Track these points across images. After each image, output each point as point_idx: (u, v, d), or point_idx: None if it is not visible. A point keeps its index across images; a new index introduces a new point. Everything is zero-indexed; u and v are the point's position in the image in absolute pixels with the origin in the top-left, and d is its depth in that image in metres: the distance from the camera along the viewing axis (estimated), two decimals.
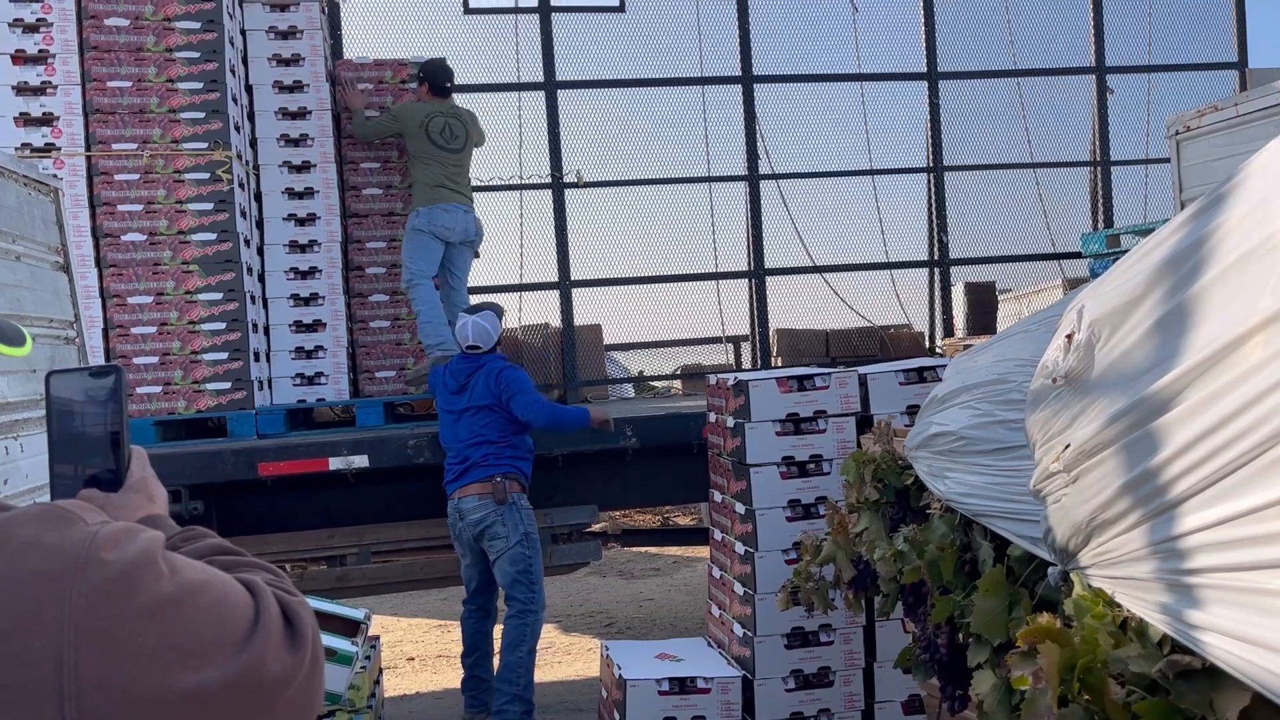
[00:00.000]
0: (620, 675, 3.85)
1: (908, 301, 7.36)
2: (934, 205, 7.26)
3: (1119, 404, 1.39)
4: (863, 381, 3.92)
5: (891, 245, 7.31)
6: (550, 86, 6.62)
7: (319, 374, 5.70)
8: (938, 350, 7.15)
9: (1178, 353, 1.26)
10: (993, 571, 2.07)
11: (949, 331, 7.29)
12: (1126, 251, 7.08)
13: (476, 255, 6.04)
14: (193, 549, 1.05)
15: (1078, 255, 7.30)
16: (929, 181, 7.30)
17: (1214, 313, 1.20)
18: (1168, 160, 7.71)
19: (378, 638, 4.12)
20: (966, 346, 6.17)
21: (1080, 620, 1.49)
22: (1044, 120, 7.50)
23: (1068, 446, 1.51)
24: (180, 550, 1.03)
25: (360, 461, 4.84)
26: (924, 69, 7.20)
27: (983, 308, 7.32)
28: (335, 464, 4.84)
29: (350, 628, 3.04)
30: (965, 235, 7.41)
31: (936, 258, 7.26)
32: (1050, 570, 1.95)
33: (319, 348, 5.72)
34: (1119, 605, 1.51)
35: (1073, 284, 7.76)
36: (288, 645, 0.90)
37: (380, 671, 4.17)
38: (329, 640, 2.91)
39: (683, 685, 3.75)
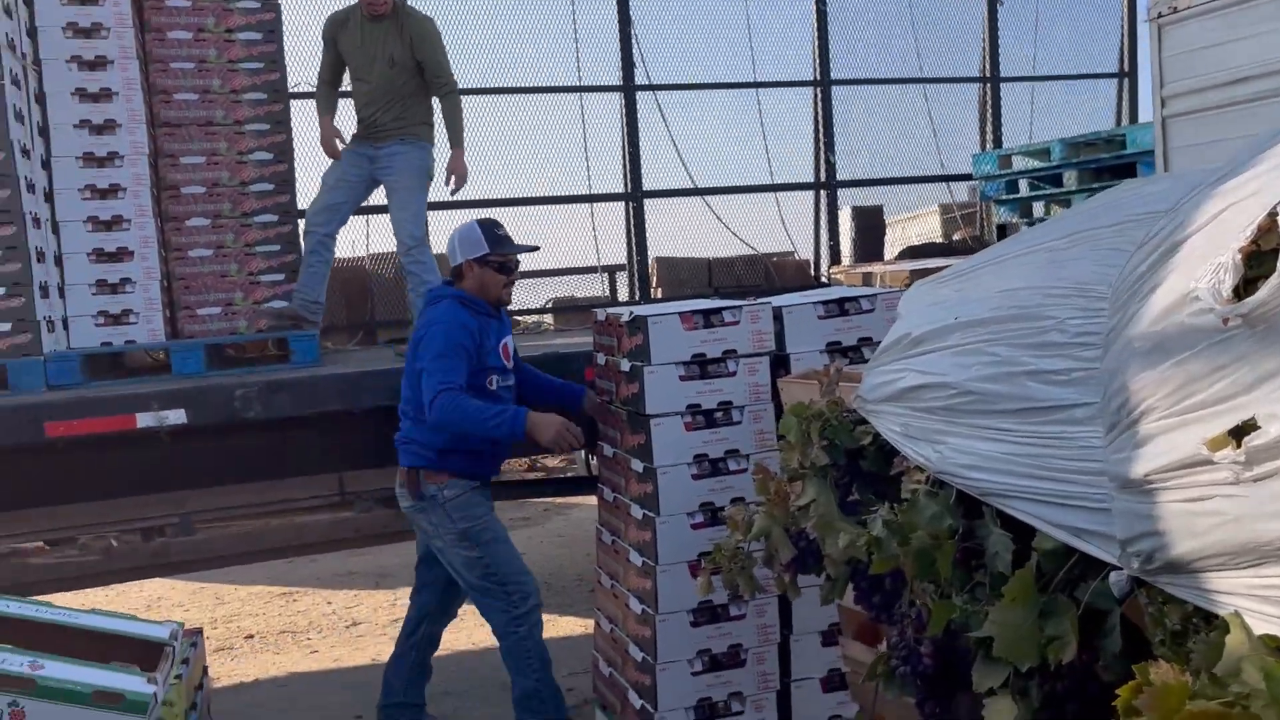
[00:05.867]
0: None
1: (793, 227, 6.90)
2: (820, 123, 6.77)
3: None
4: (777, 315, 3.37)
5: (776, 167, 6.80)
6: None
7: (127, 311, 4.81)
8: (825, 279, 6.72)
9: None
10: (1021, 574, 1.55)
11: (836, 259, 6.86)
12: (1020, 173, 6.71)
13: None
14: None
15: (968, 177, 6.96)
16: (815, 96, 6.79)
17: None
18: (1062, 77, 7.46)
19: (199, 631, 3.39)
20: (868, 275, 5.73)
21: (1276, 695, 0.96)
22: (934, 34, 7.09)
23: (1249, 426, 0.97)
24: None
25: (176, 417, 4.03)
26: None
27: (871, 234, 6.92)
28: (145, 421, 4.02)
29: (151, 655, 2.33)
30: (852, 158, 6.97)
31: (823, 179, 6.80)
32: (1114, 575, 1.43)
33: (125, 280, 4.82)
34: None
35: (961, 209, 7.46)
36: None
37: (205, 671, 3.46)
38: (117, 680, 2.20)
39: None
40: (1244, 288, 0.99)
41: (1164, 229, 1.26)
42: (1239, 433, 0.98)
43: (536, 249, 3.82)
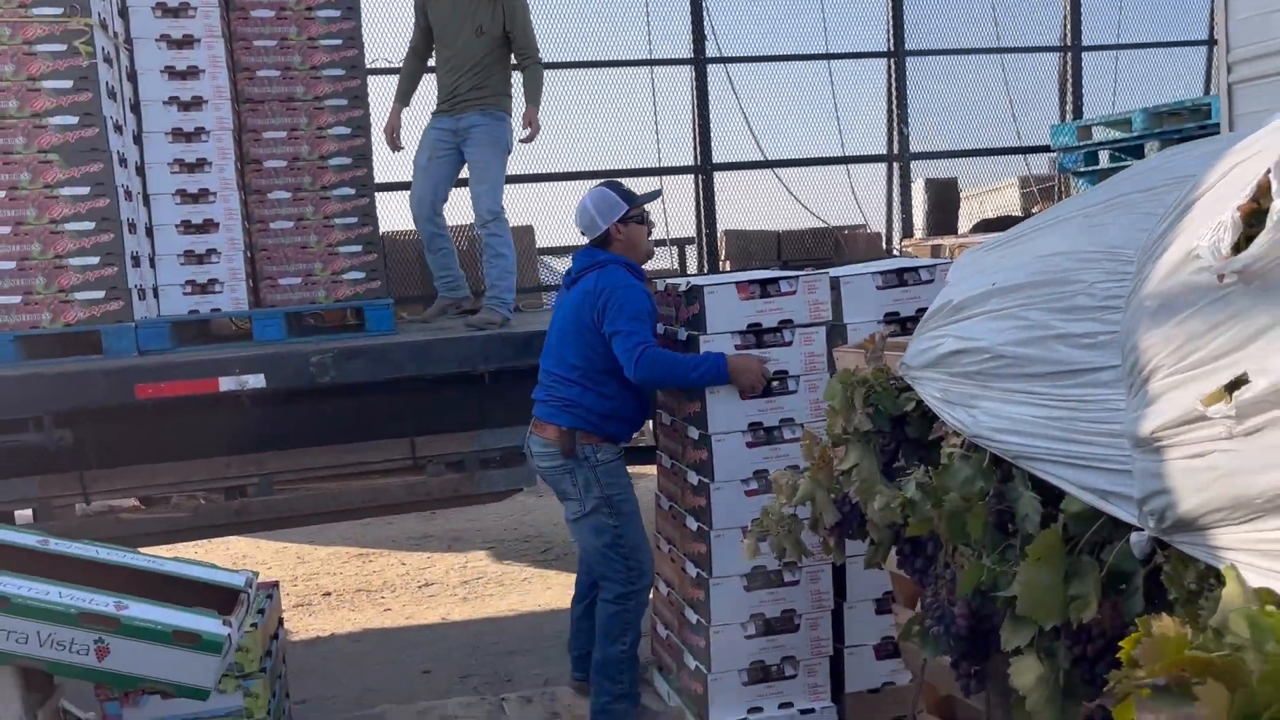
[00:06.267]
0: None
1: (864, 200, 6.85)
2: (894, 94, 6.69)
3: None
4: (834, 285, 3.39)
5: (848, 138, 6.75)
6: None
7: (212, 280, 5.01)
8: (896, 252, 6.66)
9: None
10: (1046, 535, 1.57)
11: (908, 232, 6.79)
12: (1100, 144, 6.52)
13: None
14: None
15: (1046, 149, 6.82)
16: (889, 67, 6.71)
17: None
18: (1146, 45, 7.24)
19: (276, 585, 3.57)
20: (937, 248, 5.68)
21: (1260, 645, 0.98)
22: (1012, 1, 6.95)
23: (1241, 381, 1.00)
24: None
25: (255, 382, 4.20)
26: None
27: (944, 206, 6.83)
28: (227, 385, 4.21)
29: (227, 600, 2.48)
30: (927, 128, 6.87)
31: (896, 151, 6.72)
32: (1134, 536, 1.45)
33: (211, 251, 5.02)
34: None
35: (1038, 181, 7.31)
36: None
37: (280, 622, 3.63)
38: (195, 621, 2.36)
39: None
40: (1244, 245, 1.00)
41: (1186, 191, 1.27)
42: (1233, 388, 1.00)
43: (659, 192, 3.94)
